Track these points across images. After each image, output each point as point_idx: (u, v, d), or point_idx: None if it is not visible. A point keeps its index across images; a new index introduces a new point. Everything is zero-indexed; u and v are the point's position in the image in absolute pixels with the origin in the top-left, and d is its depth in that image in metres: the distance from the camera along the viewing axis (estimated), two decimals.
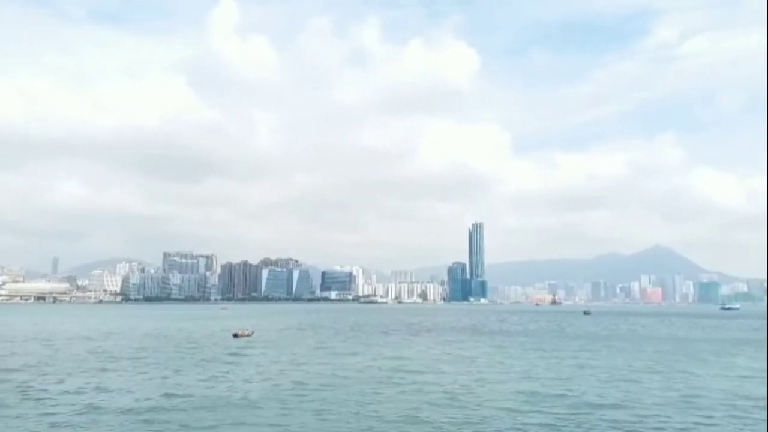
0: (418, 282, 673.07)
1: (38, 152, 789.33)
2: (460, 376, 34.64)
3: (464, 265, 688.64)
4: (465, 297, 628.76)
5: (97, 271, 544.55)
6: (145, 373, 35.86)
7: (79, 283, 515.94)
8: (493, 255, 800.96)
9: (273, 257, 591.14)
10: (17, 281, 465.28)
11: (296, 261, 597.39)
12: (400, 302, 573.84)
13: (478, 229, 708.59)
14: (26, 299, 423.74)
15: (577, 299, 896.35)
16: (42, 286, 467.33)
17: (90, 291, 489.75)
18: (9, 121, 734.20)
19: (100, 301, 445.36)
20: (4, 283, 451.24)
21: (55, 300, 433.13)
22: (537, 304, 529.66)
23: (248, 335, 69.00)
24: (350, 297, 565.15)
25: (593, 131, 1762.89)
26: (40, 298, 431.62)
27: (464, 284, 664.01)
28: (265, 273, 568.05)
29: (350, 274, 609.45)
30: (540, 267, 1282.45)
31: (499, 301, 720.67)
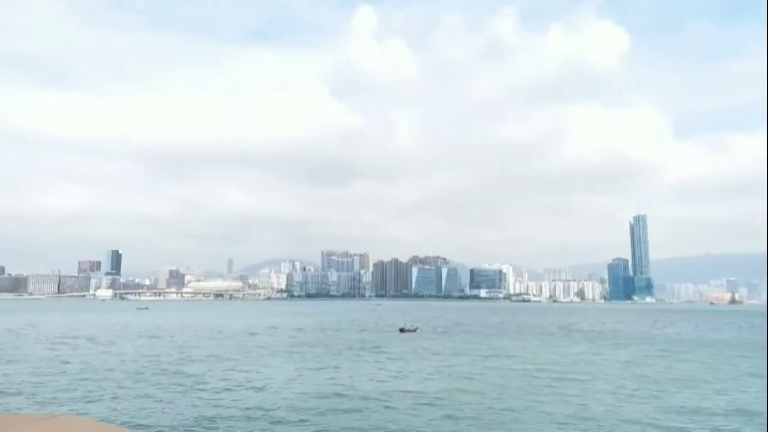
0: (574, 280, 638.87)
1: (208, 165, 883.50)
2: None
3: (626, 261, 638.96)
4: (628, 296, 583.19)
5: (265, 270, 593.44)
6: (318, 360, 37.03)
7: (250, 282, 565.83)
8: (657, 250, 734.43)
9: (421, 255, 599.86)
10: (199, 280, 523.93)
11: (444, 259, 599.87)
12: (555, 301, 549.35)
13: (641, 221, 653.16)
14: (207, 296, 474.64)
15: (763, 297, 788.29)
16: (219, 284, 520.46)
17: (259, 288, 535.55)
18: (184, 138, 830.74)
19: (269, 298, 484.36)
20: (189, 282, 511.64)
21: (231, 297, 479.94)
22: (712, 303, 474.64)
23: (413, 330, 69.84)
24: (501, 295, 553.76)
25: None
26: (218, 295, 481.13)
27: (627, 282, 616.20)
28: (414, 271, 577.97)
29: (500, 272, 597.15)
30: (715, 262, 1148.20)
31: (667, 300, 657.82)
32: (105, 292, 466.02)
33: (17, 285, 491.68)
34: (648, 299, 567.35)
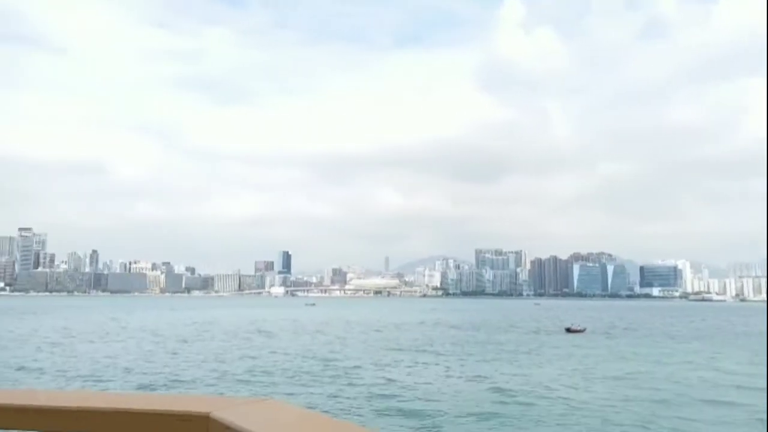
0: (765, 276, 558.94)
1: (366, 168, 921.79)
2: None
3: None
4: None
5: (420, 269, 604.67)
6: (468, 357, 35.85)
7: (406, 279, 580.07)
8: None
9: (583, 251, 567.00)
10: (360, 278, 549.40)
11: (609, 255, 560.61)
12: (742, 300, 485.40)
13: None
14: (367, 293, 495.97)
15: None
16: (378, 282, 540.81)
17: (415, 286, 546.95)
18: (344, 144, 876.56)
19: (424, 295, 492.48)
20: (351, 280, 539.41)
21: (388, 294, 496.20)
22: None
23: (581, 331, 65.78)
24: (676, 294, 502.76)
25: None
26: (377, 292, 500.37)
27: None
28: (576, 268, 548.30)
29: (674, 268, 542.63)
30: None
31: None
32: (278, 290, 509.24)
33: (206, 284, 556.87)
34: None
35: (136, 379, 29.79)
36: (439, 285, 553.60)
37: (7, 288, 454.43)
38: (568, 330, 65.34)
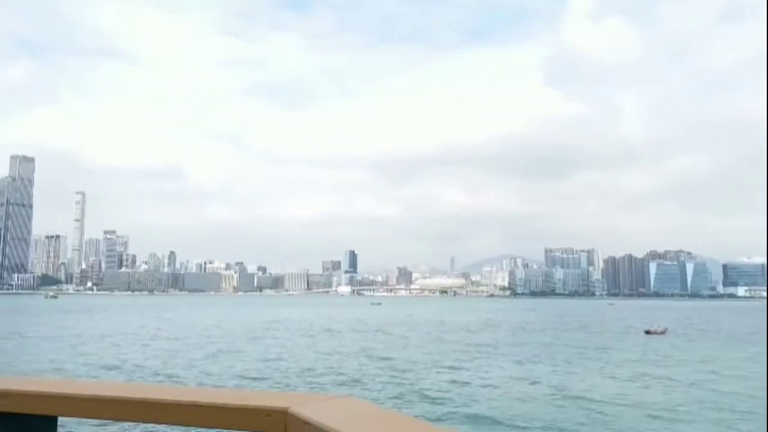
0: None
1: (430, 168, 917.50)
2: None
3: None
4: None
5: (487, 268, 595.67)
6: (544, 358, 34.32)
7: (473, 279, 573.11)
8: None
9: (659, 249, 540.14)
10: (425, 277, 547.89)
11: (689, 253, 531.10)
12: None
13: None
14: (432, 292, 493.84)
15: None
16: (443, 281, 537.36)
17: (482, 285, 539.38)
18: (407, 144, 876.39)
19: (491, 295, 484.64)
20: (416, 279, 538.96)
21: (454, 293, 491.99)
22: None
23: (661, 333, 62.38)
24: (765, 294, 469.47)
25: None
26: (443, 291, 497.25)
27: None
28: (652, 267, 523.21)
29: (763, 266, 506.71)
30: None
31: None
32: (344, 289, 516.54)
33: (276, 283, 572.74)
34: None
35: (216, 373, 30.58)
36: (506, 285, 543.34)
37: (94, 287, 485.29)
38: (648, 332, 62.13)
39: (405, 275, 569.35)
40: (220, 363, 35.14)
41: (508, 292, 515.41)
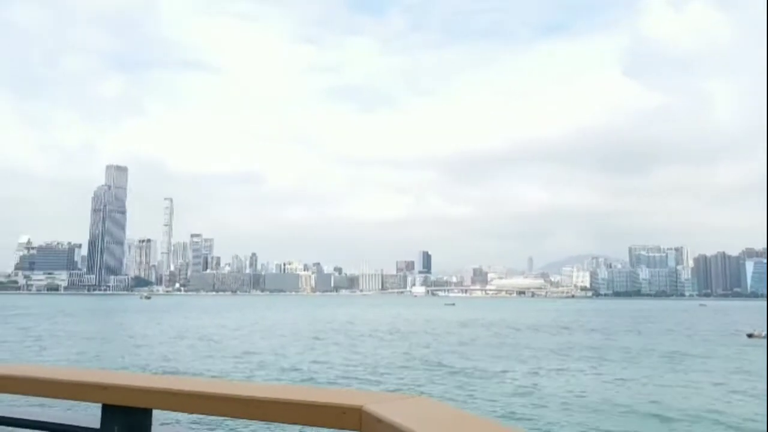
0: None
1: (503, 165, 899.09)
2: None
3: None
4: None
5: (567, 268, 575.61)
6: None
7: (552, 279, 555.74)
8: None
9: (756, 247, 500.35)
10: (501, 278, 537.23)
11: None
12: None
13: None
14: (510, 293, 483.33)
15: None
16: (521, 282, 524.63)
17: (562, 286, 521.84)
18: (479, 142, 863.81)
19: (572, 296, 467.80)
20: (492, 280, 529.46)
21: (533, 294, 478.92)
22: None
23: (764, 336, 57.30)
24: None
25: None
26: (520, 292, 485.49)
27: None
28: (749, 265, 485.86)
29: None
30: None
31: None
32: (419, 289, 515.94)
33: (352, 283, 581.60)
34: None
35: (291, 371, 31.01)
36: (588, 285, 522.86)
37: (182, 288, 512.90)
38: (750, 336, 56.92)
39: (480, 276, 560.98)
40: (306, 359, 36.00)
41: (589, 293, 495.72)
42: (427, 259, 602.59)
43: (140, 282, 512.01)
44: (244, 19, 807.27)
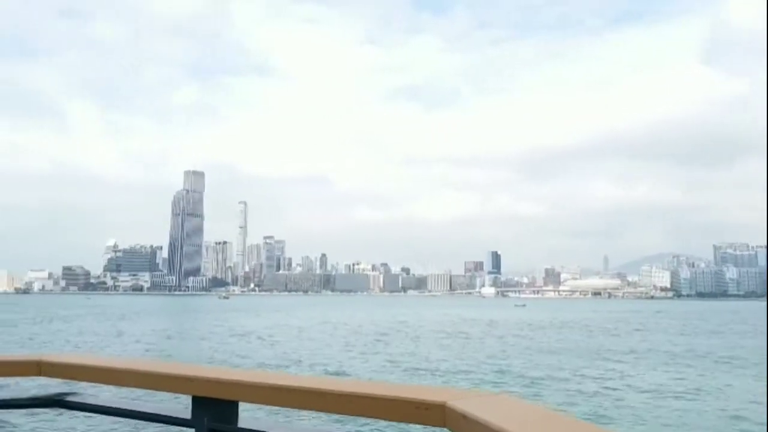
0: None
1: (573, 160, 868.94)
2: None
3: None
4: None
5: (645, 267, 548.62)
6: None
7: (629, 279, 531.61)
8: None
9: None
10: (575, 278, 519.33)
11: None
12: None
13: None
14: (584, 294, 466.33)
15: None
16: (596, 282, 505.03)
17: (640, 287, 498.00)
18: (547, 137, 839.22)
19: (652, 297, 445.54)
20: (565, 280, 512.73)
21: (609, 295, 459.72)
22: None
23: None
24: None
25: None
26: (596, 293, 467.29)
27: None
28: None
29: None
30: None
31: None
32: (488, 290, 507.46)
33: (420, 283, 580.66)
34: None
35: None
36: (668, 285, 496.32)
37: (257, 288, 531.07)
38: None
39: (552, 276, 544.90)
40: (370, 358, 36.03)
41: (670, 294, 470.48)
42: (496, 259, 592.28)
43: (217, 282, 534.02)
44: (310, 22, 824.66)
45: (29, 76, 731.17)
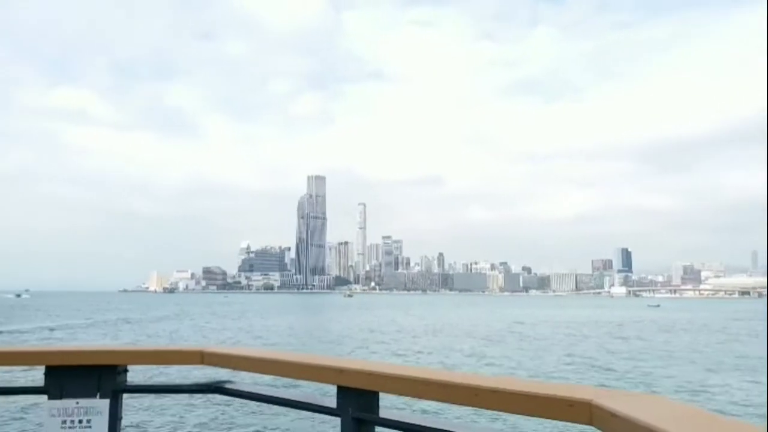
0: None
1: (709, 150, 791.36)
2: None
3: None
4: None
5: None
6: None
7: None
8: None
9: None
10: (719, 276, 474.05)
11: None
12: None
13: None
14: (729, 293, 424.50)
15: None
16: (744, 280, 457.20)
17: None
18: (676, 126, 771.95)
19: None
20: (706, 279, 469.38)
21: (759, 295, 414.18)
22: None
23: None
24: None
25: None
26: (743, 292, 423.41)
27: None
28: None
29: None
30: None
31: None
32: (619, 290, 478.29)
33: (542, 283, 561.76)
34: None
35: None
36: None
37: (377, 287, 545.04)
38: None
39: (692, 274, 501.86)
40: (493, 357, 36.06)
41: None
42: (626, 256, 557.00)
43: (340, 281, 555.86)
44: (422, 25, 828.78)
45: (170, 94, 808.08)
